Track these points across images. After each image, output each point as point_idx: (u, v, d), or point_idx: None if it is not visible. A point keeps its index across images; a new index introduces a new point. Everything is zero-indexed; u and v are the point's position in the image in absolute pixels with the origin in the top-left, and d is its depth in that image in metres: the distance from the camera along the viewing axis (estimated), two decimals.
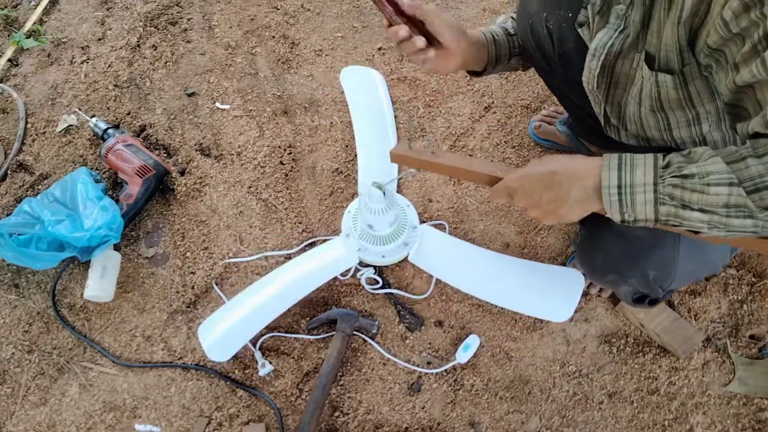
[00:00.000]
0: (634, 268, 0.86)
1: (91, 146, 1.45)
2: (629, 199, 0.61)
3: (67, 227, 1.19)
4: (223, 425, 1.12)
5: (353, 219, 1.23)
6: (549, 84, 1.09)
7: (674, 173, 0.59)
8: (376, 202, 1.08)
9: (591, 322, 1.21)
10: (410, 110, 1.51)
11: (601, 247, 0.88)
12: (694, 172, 0.58)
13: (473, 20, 1.67)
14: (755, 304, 1.20)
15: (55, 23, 1.74)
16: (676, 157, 0.60)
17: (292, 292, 1.15)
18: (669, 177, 0.59)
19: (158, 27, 1.69)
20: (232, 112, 1.52)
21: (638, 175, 0.60)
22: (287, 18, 1.72)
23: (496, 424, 1.11)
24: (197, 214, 1.36)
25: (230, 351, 1.13)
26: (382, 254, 1.19)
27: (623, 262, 0.87)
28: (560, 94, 1.09)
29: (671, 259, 0.74)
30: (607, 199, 0.62)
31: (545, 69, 0.97)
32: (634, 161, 0.61)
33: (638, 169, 0.60)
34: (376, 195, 1.07)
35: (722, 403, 1.11)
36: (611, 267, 0.90)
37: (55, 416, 1.13)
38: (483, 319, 1.21)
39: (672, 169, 0.59)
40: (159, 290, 1.27)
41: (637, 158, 0.61)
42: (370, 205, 1.09)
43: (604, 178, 0.61)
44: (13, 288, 1.28)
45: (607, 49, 0.73)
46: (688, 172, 0.58)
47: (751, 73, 0.56)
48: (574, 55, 0.85)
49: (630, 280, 0.89)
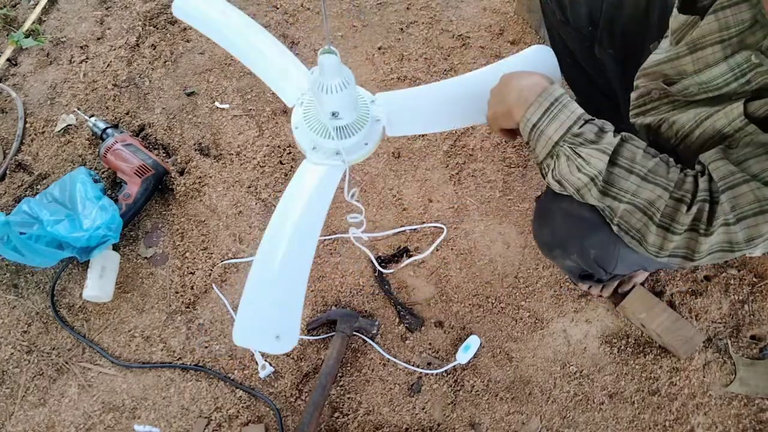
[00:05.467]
0: (576, 245, 0.91)
1: (90, 146, 1.45)
2: (535, 137, 0.73)
3: (66, 227, 1.18)
4: (223, 426, 1.11)
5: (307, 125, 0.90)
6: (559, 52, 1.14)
7: (573, 144, 0.69)
8: (334, 74, 0.79)
9: (592, 322, 1.20)
10: None
11: (549, 223, 0.93)
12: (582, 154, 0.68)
13: (473, 19, 1.67)
14: (756, 304, 1.19)
15: (54, 23, 1.73)
16: (590, 133, 0.68)
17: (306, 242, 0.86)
18: (568, 145, 0.69)
19: (157, 26, 1.69)
20: (232, 111, 1.52)
21: (551, 128, 0.71)
22: (287, 17, 1.71)
23: (496, 424, 1.11)
24: (196, 214, 1.35)
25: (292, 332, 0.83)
26: (365, 142, 0.92)
27: (567, 238, 0.92)
28: (570, 65, 1.14)
29: (612, 242, 0.79)
30: (522, 126, 0.75)
31: (560, 21, 1.07)
32: (559, 113, 0.70)
33: (555, 122, 0.70)
34: (331, 62, 0.77)
35: (723, 404, 1.11)
36: (557, 242, 0.96)
37: (54, 417, 1.13)
38: (483, 320, 1.21)
39: (576, 141, 0.69)
40: (158, 290, 1.27)
41: (564, 111, 0.70)
42: (328, 82, 0.79)
43: (529, 111, 0.72)
44: (12, 288, 1.27)
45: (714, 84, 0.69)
46: (581, 152, 0.68)
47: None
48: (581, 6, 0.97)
49: (572, 256, 0.95)
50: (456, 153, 1.43)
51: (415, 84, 1.55)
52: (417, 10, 1.70)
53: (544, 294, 1.23)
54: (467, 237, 1.31)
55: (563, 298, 1.23)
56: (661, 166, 0.67)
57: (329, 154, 0.89)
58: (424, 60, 1.60)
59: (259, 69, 1.00)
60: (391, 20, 1.69)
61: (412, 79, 1.55)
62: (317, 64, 0.78)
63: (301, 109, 0.91)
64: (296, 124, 0.91)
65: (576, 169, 0.69)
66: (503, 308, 1.22)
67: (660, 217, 0.66)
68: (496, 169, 1.40)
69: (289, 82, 0.97)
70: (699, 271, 1.23)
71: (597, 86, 1.15)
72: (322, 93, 0.79)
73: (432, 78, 1.56)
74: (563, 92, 0.72)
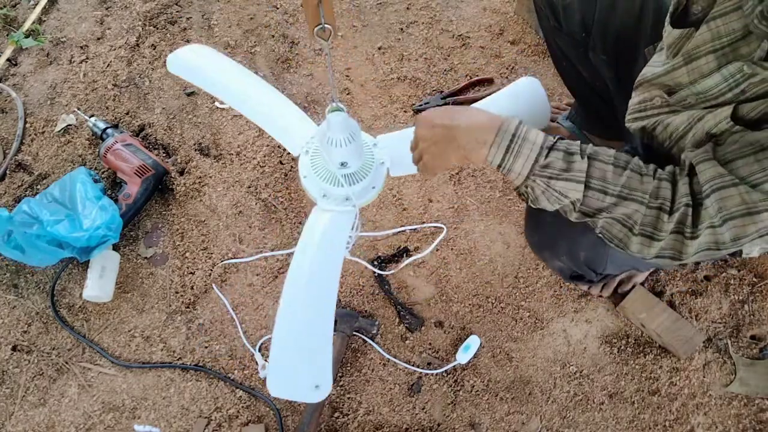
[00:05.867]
0: (565, 246, 0.91)
1: (90, 146, 1.45)
2: (504, 173, 0.71)
3: (66, 227, 1.18)
4: (223, 426, 1.11)
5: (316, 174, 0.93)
6: (556, 55, 1.17)
7: (544, 177, 0.68)
8: (343, 129, 0.83)
9: (592, 322, 1.20)
10: (411, 109, 1.51)
11: (539, 225, 0.94)
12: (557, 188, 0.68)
13: (473, 19, 1.67)
14: (756, 304, 1.19)
15: (54, 22, 1.73)
16: (557, 161, 0.67)
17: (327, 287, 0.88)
18: (539, 179, 0.68)
19: (157, 26, 1.69)
20: (232, 111, 1.52)
21: (518, 164, 0.69)
22: (287, 17, 1.71)
23: (496, 424, 1.11)
24: (196, 214, 1.35)
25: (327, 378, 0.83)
26: (372, 185, 0.95)
27: (556, 240, 0.92)
28: (567, 67, 1.15)
29: (602, 244, 0.79)
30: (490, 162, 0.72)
31: (554, 27, 1.07)
32: (521, 149, 0.68)
33: (520, 158, 0.69)
34: (339, 119, 0.82)
35: (723, 404, 1.11)
36: (546, 244, 0.97)
37: (54, 417, 1.13)
38: (483, 320, 1.21)
39: (546, 173, 0.68)
40: (158, 290, 1.27)
41: (525, 144, 0.68)
42: (337, 137, 0.84)
43: (491, 153, 0.70)
44: (12, 288, 1.27)
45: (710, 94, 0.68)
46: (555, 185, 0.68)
47: None
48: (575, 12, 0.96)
49: (562, 258, 0.95)
50: None
51: (415, 84, 1.55)
52: (417, 10, 1.70)
53: (544, 294, 1.23)
54: (467, 237, 1.31)
55: (563, 298, 1.23)
56: (633, 178, 0.66)
57: (339, 200, 0.93)
58: (424, 60, 1.60)
59: (262, 122, 1.03)
60: (391, 20, 1.69)
61: (412, 79, 1.55)
62: (325, 119, 0.84)
63: (307, 158, 0.94)
64: (304, 173, 0.94)
65: (554, 199, 0.70)
66: (503, 308, 1.22)
67: (640, 228, 0.66)
68: None
69: (292, 132, 1.00)
70: (699, 271, 1.23)
71: (594, 89, 1.16)
72: (331, 147, 0.84)
73: (432, 78, 1.56)
74: (518, 122, 0.70)
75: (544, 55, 1.57)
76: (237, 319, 1.22)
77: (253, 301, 1.25)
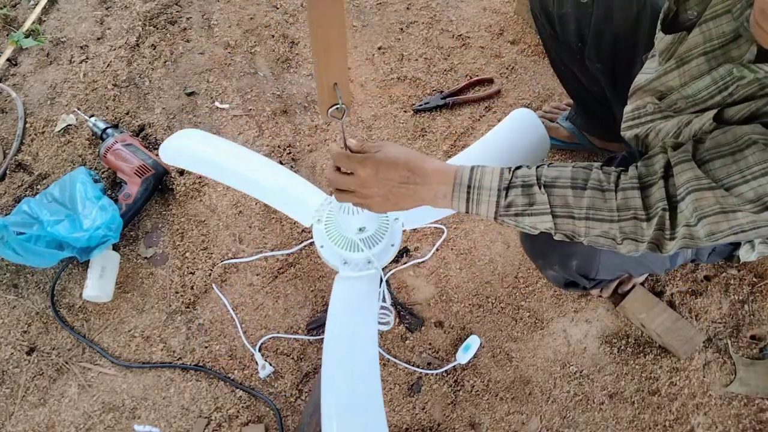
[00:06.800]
0: (556, 256, 0.93)
1: (90, 146, 1.45)
2: (474, 214, 0.73)
3: (66, 227, 1.18)
4: (223, 426, 1.11)
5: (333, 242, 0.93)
6: (554, 61, 1.18)
7: (510, 214, 0.70)
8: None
9: (592, 322, 1.20)
10: (410, 109, 1.51)
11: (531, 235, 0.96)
12: (526, 223, 0.70)
13: (473, 19, 1.67)
14: (756, 304, 1.19)
15: (54, 22, 1.73)
16: (518, 198, 0.68)
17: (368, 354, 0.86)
18: (506, 218, 0.70)
19: (157, 26, 1.69)
20: (232, 111, 1.52)
21: (482, 210, 0.71)
22: (287, 17, 1.71)
23: (496, 424, 1.11)
24: (196, 214, 1.35)
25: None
26: (391, 243, 0.96)
27: (547, 249, 0.94)
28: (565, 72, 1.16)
29: (593, 252, 0.79)
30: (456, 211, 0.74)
31: (550, 35, 1.08)
32: (480, 197, 0.70)
33: (482, 206, 0.70)
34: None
35: (723, 404, 1.11)
36: (538, 253, 0.98)
37: (54, 417, 1.13)
38: (483, 320, 1.21)
39: (511, 212, 0.69)
40: (158, 290, 1.27)
41: (482, 192, 0.70)
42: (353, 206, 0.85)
43: (454, 205, 0.72)
44: (12, 288, 1.27)
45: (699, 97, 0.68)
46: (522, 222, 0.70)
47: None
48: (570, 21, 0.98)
49: (555, 266, 0.96)
50: (456, 153, 1.42)
51: (415, 84, 1.55)
52: (417, 10, 1.70)
53: (544, 294, 1.23)
54: (467, 237, 1.31)
55: (563, 298, 1.23)
56: (595, 197, 0.66)
57: (361, 265, 0.93)
58: (424, 60, 1.60)
59: (270, 199, 1.04)
60: (391, 20, 1.69)
61: (412, 79, 1.55)
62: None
63: (321, 227, 0.94)
64: (321, 243, 0.94)
65: (529, 230, 0.71)
66: (503, 308, 1.22)
67: (621, 237, 0.67)
68: None
69: (300, 204, 1.00)
70: (699, 271, 1.23)
71: (593, 95, 1.16)
72: (349, 216, 0.85)
73: (432, 78, 1.56)
74: (470, 170, 0.71)
75: (543, 55, 1.57)
76: (237, 319, 1.22)
77: (253, 301, 1.25)
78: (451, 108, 1.50)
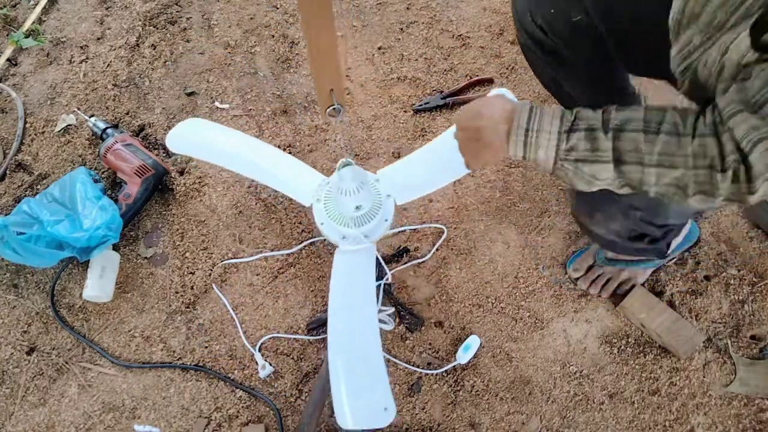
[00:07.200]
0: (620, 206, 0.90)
1: (90, 146, 1.45)
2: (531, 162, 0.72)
3: (66, 227, 1.18)
4: (223, 426, 1.11)
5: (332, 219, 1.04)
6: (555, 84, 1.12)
7: (571, 161, 0.66)
8: (355, 178, 0.95)
9: (592, 322, 1.20)
10: (410, 109, 1.51)
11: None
12: (586, 171, 0.65)
13: (473, 19, 1.67)
14: (756, 304, 1.19)
15: (54, 22, 1.73)
16: (580, 143, 0.65)
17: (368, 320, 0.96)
18: (567, 163, 0.66)
19: (157, 26, 1.69)
20: (232, 111, 1.52)
21: (541, 155, 0.68)
22: (287, 17, 1.71)
23: (496, 424, 1.11)
24: (196, 214, 1.35)
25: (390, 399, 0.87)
26: (384, 218, 1.05)
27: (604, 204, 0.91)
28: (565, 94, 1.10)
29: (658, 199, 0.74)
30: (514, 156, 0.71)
31: (550, 63, 1.01)
32: (538, 139, 0.67)
33: (540, 150, 0.67)
34: (351, 172, 0.95)
35: (723, 404, 1.11)
36: (597, 206, 0.95)
37: (54, 417, 1.13)
38: (483, 320, 1.21)
39: (572, 156, 0.66)
40: (158, 290, 1.27)
41: (542, 135, 0.67)
42: (349, 187, 0.95)
43: (511, 149, 0.70)
44: (12, 288, 1.27)
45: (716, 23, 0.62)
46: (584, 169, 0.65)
47: None
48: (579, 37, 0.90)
49: (618, 217, 0.93)
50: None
51: (415, 84, 1.55)
52: (417, 10, 1.70)
53: (544, 294, 1.23)
54: (467, 237, 1.31)
55: (563, 298, 1.23)
56: (670, 142, 0.61)
57: (358, 239, 1.03)
58: (424, 60, 1.60)
59: (271, 181, 1.12)
60: (391, 20, 1.69)
61: (412, 79, 1.55)
62: (337, 172, 0.96)
63: (320, 206, 1.05)
64: (321, 220, 1.05)
65: (588, 182, 0.67)
66: (503, 308, 1.22)
67: (694, 187, 0.61)
68: (496, 169, 1.40)
69: (301, 185, 1.10)
70: (699, 270, 1.23)
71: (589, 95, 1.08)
72: (346, 196, 0.96)
73: (432, 78, 1.56)
74: (528, 110, 0.68)
75: None
76: (237, 319, 1.22)
77: (253, 301, 1.25)
78: (451, 108, 1.50)
